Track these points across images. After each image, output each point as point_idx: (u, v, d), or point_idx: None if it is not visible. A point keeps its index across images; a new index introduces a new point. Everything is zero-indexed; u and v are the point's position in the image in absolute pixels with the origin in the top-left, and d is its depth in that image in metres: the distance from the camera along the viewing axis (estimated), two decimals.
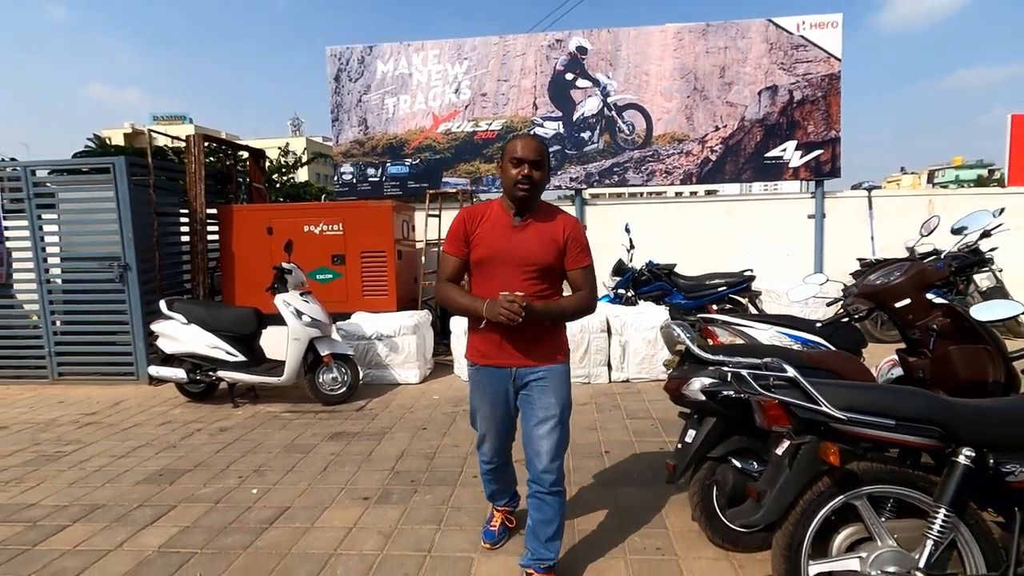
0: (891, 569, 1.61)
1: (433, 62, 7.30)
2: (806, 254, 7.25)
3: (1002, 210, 6.04)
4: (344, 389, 4.77)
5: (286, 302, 4.62)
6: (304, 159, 14.51)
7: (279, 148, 12.73)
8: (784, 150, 6.99)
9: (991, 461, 1.60)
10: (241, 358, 4.74)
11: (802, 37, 6.85)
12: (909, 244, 4.69)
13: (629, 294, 6.32)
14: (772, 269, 6.94)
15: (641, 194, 13.45)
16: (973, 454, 1.61)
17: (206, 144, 6.37)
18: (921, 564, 1.60)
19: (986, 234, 6.06)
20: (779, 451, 1.81)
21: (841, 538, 1.77)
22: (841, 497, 1.71)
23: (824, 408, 1.67)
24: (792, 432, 1.76)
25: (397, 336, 5.32)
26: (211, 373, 4.77)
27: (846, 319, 2.85)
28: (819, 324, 2.92)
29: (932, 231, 3.58)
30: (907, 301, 2.61)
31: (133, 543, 2.68)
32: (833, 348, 2.81)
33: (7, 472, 3.58)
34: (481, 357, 2.21)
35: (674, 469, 2.40)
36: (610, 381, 5.23)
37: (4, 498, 3.22)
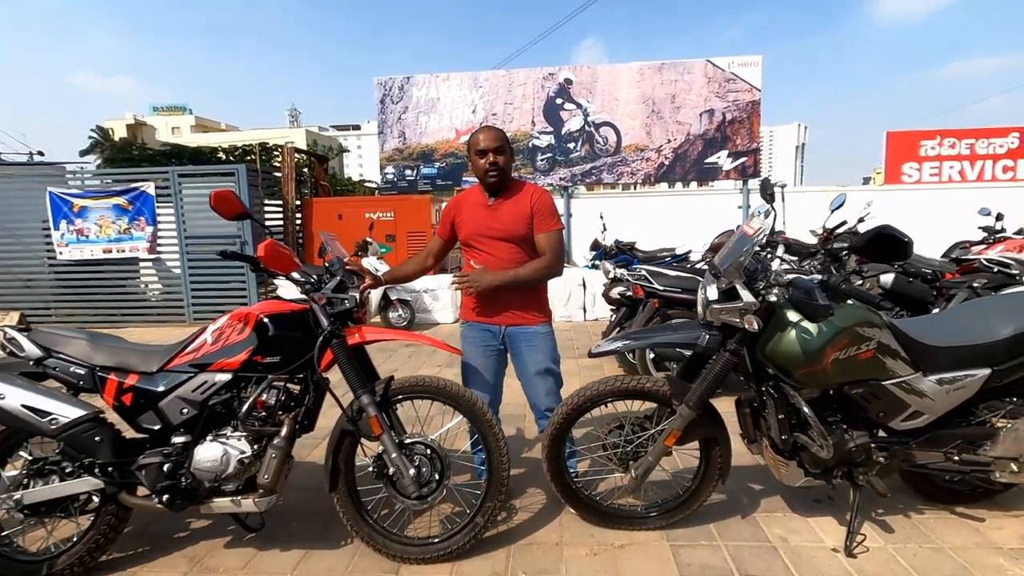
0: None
1: (455, 89, 9.60)
2: None
3: (871, 203, 8.42)
4: (406, 323, 7.13)
5: (370, 263, 6.97)
6: (331, 155, 16.92)
7: (311, 144, 15.08)
8: (719, 157, 9.36)
9: None
10: None
11: (732, 73, 9.19)
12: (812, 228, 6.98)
13: None
14: None
15: (634, 186, 15.77)
16: None
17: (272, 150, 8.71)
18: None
19: (861, 220, 8.44)
20: (642, 308, 4.19)
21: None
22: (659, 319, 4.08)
23: (655, 286, 4.05)
24: (645, 298, 4.14)
25: (438, 290, 7.68)
26: None
27: (704, 263, 5.23)
28: (690, 266, 5.29)
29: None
30: None
31: None
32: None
33: None
34: (473, 314, 2.54)
35: (604, 335, 4.78)
36: (584, 320, 7.62)
37: None
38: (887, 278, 4.29)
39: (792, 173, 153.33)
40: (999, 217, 5.27)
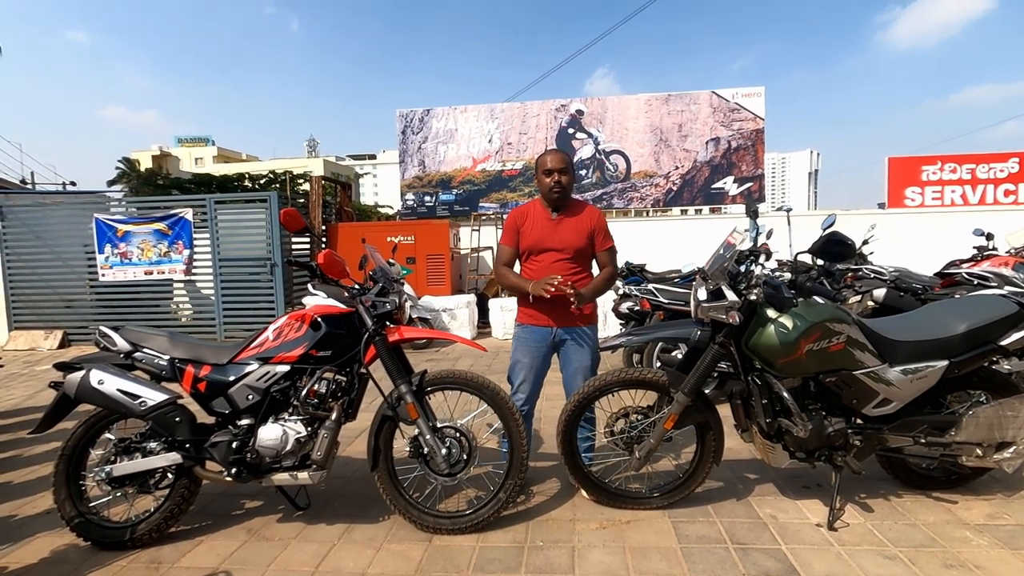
0: None
1: (472, 120, 10.15)
2: None
3: (874, 225, 8.71)
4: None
5: None
6: (350, 180, 17.62)
7: (334, 174, 15.81)
8: (725, 183, 9.73)
9: None
10: None
11: (736, 103, 9.63)
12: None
13: None
14: None
15: (646, 212, 16.18)
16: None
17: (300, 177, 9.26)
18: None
19: (865, 242, 8.73)
20: (649, 319, 4.51)
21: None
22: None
23: (660, 299, 4.38)
24: (651, 311, 4.46)
25: (456, 309, 8.06)
26: None
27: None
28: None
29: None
30: None
31: None
32: None
33: None
34: (529, 319, 2.83)
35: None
36: None
37: None
38: (879, 292, 4.59)
39: (805, 198, 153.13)
40: (989, 237, 5.55)
